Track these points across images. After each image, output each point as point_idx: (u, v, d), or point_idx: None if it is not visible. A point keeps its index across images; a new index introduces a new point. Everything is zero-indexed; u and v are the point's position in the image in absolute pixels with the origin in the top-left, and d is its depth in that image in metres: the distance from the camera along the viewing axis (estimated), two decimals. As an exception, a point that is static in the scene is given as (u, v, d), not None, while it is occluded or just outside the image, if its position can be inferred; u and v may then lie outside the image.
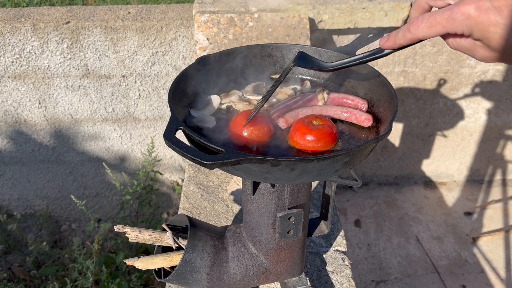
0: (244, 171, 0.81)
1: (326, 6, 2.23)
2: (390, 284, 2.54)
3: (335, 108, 0.95)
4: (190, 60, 2.47)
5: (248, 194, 0.99)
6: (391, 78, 2.72)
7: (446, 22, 0.72)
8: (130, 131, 2.74)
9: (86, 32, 2.36)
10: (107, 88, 2.56)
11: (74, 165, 2.83)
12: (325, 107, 0.95)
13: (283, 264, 1.09)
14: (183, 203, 1.50)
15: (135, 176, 2.83)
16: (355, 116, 0.94)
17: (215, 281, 1.03)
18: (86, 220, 3.05)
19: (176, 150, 0.73)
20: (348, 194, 3.15)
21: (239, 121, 0.87)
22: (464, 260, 2.67)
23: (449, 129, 2.99)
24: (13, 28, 2.31)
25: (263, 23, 2.14)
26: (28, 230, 2.97)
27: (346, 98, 0.98)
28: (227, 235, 1.08)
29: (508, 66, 2.71)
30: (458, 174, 3.21)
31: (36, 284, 2.58)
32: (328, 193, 1.12)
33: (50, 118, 2.64)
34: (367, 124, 0.93)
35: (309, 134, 0.86)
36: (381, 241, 2.80)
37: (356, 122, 0.94)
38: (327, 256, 1.32)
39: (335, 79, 1.09)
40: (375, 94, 0.98)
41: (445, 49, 2.63)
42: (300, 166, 0.76)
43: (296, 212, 0.97)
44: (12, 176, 2.83)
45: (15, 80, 2.48)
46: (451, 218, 2.95)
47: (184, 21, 2.36)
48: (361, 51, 2.53)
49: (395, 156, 3.09)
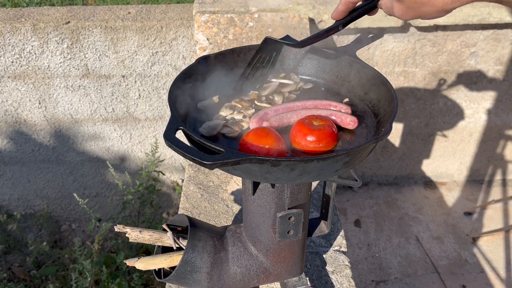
0: (244, 171, 0.81)
1: (326, 6, 2.23)
2: (390, 284, 2.54)
3: (320, 111, 0.95)
4: (190, 60, 2.48)
5: (248, 194, 1.00)
6: (391, 78, 2.72)
7: None
8: (130, 131, 2.74)
9: (86, 32, 2.36)
10: (107, 88, 2.56)
11: (74, 165, 2.83)
12: (309, 110, 0.95)
13: (283, 264, 1.09)
14: (183, 203, 1.50)
15: (135, 176, 2.83)
16: (341, 118, 0.94)
17: (215, 281, 1.03)
18: (86, 220, 3.05)
19: (176, 150, 0.73)
20: (348, 194, 3.15)
21: (258, 136, 0.86)
22: (464, 260, 2.67)
23: (449, 129, 2.99)
24: (13, 28, 2.31)
25: (263, 23, 2.14)
26: (28, 230, 2.97)
27: (329, 105, 0.98)
28: (227, 235, 1.08)
29: (508, 66, 2.72)
30: (458, 174, 3.21)
31: (36, 284, 2.59)
32: (328, 193, 1.12)
33: (50, 118, 2.64)
34: (353, 127, 0.93)
35: (310, 134, 0.86)
36: (381, 241, 2.80)
37: (341, 124, 0.94)
38: (327, 256, 1.32)
39: (335, 79, 1.09)
40: (375, 94, 0.98)
41: (445, 49, 2.63)
42: (300, 166, 0.76)
43: (296, 212, 0.97)
44: (12, 176, 2.83)
45: (15, 80, 2.48)
46: (451, 218, 2.95)
47: (184, 21, 2.36)
48: (361, 51, 2.54)
49: (395, 156, 3.09)
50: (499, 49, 2.66)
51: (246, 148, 0.83)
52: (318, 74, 1.11)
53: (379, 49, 2.62)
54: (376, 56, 2.64)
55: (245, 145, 0.84)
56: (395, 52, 2.63)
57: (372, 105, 0.99)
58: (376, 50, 2.62)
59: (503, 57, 2.69)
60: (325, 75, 1.10)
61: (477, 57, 2.68)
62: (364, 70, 1.02)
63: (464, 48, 2.64)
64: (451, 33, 2.58)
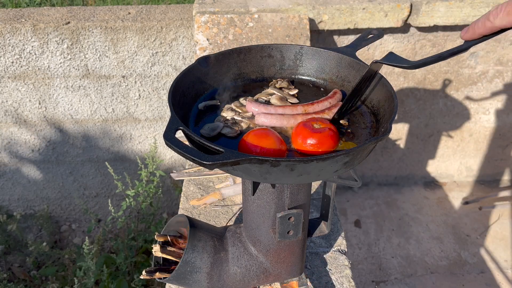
0: (244, 171, 0.81)
1: (326, 6, 2.23)
2: (390, 284, 2.54)
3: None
4: (190, 60, 2.48)
5: (248, 194, 1.00)
6: (391, 79, 2.72)
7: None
8: (130, 132, 2.74)
9: (86, 33, 2.36)
10: (107, 88, 2.56)
11: (74, 166, 2.84)
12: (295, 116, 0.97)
13: (283, 265, 1.09)
14: (183, 203, 1.50)
15: (135, 176, 2.83)
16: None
17: (215, 281, 1.03)
18: (86, 220, 3.05)
19: (176, 150, 0.73)
20: (348, 194, 3.15)
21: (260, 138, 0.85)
22: (464, 260, 2.67)
23: (449, 130, 2.99)
24: (13, 29, 2.31)
25: (263, 24, 2.14)
26: (28, 231, 2.97)
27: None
28: (227, 235, 1.08)
29: (508, 67, 2.72)
30: (458, 174, 3.21)
31: (36, 285, 2.59)
32: (328, 194, 1.12)
33: (50, 119, 2.64)
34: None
35: (311, 137, 0.86)
36: (381, 241, 2.80)
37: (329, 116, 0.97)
38: (327, 256, 1.32)
39: (335, 80, 1.09)
40: (375, 95, 0.99)
41: (445, 49, 2.63)
42: (299, 166, 0.76)
43: (296, 213, 0.97)
44: (12, 176, 2.84)
45: (15, 81, 2.48)
46: (451, 218, 2.95)
47: (184, 22, 2.36)
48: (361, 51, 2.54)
49: (395, 156, 3.09)
50: (499, 49, 2.66)
51: (246, 148, 0.83)
52: (318, 74, 1.11)
53: (379, 49, 2.62)
54: (376, 56, 2.63)
55: (245, 145, 0.84)
56: (395, 52, 2.63)
57: (372, 105, 0.99)
58: (376, 50, 2.62)
59: (503, 57, 2.69)
60: (325, 75, 1.10)
61: (477, 57, 2.68)
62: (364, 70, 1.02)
63: (464, 48, 2.64)
64: (451, 33, 2.58)
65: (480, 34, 0.79)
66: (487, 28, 0.78)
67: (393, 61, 0.89)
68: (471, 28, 0.81)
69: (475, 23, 0.80)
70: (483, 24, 0.78)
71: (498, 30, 0.77)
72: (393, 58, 0.89)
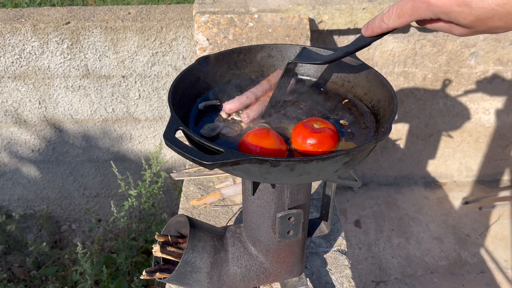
0: (244, 171, 0.81)
1: (326, 6, 2.23)
2: (390, 284, 2.54)
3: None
4: (190, 60, 2.48)
5: (248, 194, 1.00)
6: (391, 79, 2.72)
7: (411, 12, 0.74)
8: (130, 132, 2.74)
9: (86, 33, 2.36)
10: (107, 88, 2.56)
11: (74, 166, 2.84)
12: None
13: (283, 265, 1.09)
14: (183, 203, 1.50)
15: (135, 176, 2.83)
16: None
17: (215, 281, 1.03)
18: (86, 220, 3.05)
19: (176, 150, 0.73)
20: (348, 194, 3.15)
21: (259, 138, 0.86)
22: (464, 260, 2.67)
23: (449, 130, 2.99)
24: (13, 29, 2.31)
25: (263, 24, 2.14)
26: (28, 231, 2.97)
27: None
28: (227, 235, 1.08)
29: (508, 67, 2.72)
30: (458, 174, 3.21)
31: (36, 285, 2.59)
32: (328, 194, 1.12)
33: (50, 119, 2.64)
34: None
35: (311, 137, 0.85)
36: (381, 241, 2.80)
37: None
38: (327, 256, 1.33)
39: (335, 79, 1.09)
40: (375, 95, 0.99)
41: (445, 49, 2.64)
42: (299, 166, 0.76)
43: (296, 213, 0.97)
44: (12, 176, 2.84)
45: (15, 81, 2.48)
46: (451, 218, 2.95)
47: (184, 22, 2.36)
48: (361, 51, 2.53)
49: (395, 156, 3.09)
50: (499, 49, 2.66)
51: (246, 148, 0.83)
52: (318, 74, 1.11)
53: (379, 50, 2.62)
54: (376, 56, 2.64)
55: (245, 145, 0.84)
56: (395, 53, 2.63)
57: (372, 105, 0.99)
58: (376, 50, 2.62)
59: (503, 57, 2.69)
60: (325, 75, 1.10)
61: (477, 57, 2.68)
62: (364, 70, 1.02)
63: (464, 48, 2.64)
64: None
65: (377, 33, 0.84)
66: (383, 29, 0.82)
67: (307, 59, 0.96)
68: (369, 26, 0.85)
69: (373, 22, 0.84)
70: (379, 25, 0.82)
71: (392, 29, 0.82)
72: (307, 55, 0.98)
